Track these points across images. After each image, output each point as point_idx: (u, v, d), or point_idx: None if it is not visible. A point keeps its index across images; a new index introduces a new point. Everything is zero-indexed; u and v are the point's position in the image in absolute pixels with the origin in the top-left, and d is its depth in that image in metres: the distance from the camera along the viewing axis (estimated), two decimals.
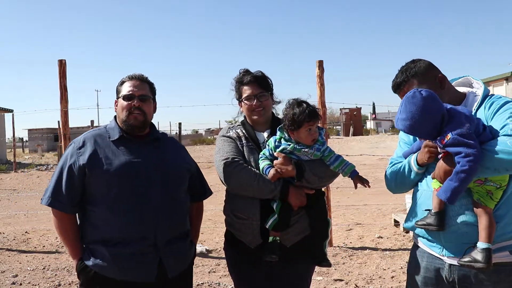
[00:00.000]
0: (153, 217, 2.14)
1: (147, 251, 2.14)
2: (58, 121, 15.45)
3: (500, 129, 1.82)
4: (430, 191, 2.00)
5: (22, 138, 41.03)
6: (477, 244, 1.82)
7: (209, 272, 4.96)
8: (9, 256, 5.77)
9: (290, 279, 2.39)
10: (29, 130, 36.29)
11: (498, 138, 1.78)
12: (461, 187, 1.78)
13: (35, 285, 4.69)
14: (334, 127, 43.79)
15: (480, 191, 1.86)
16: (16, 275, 4.96)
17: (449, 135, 1.82)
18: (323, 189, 2.48)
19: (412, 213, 2.12)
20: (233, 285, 2.61)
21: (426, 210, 2.00)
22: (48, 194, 2.17)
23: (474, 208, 1.87)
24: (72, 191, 2.15)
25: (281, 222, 2.24)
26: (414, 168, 2.05)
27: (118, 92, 2.30)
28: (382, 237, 6.21)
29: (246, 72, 2.51)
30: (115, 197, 2.12)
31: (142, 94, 2.25)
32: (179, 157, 2.39)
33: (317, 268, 2.41)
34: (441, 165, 1.90)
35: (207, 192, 2.57)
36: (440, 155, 1.92)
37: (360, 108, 38.97)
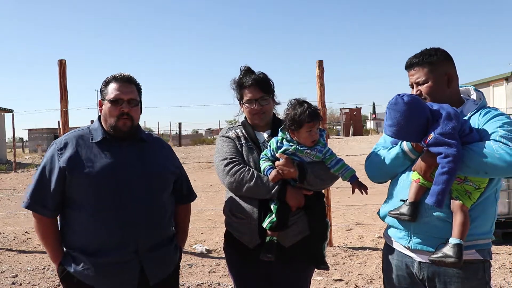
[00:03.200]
0: (135, 223, 2.09)
1: (128, 258, 2.08)
2: (58, 121, 15.44)
3: (489, 135, 1.87)
4: (408, 181, 2.05)
5: (22, 138, 40.96)
6: (449, 240, 1.87)
7: (209, 272, 4.96)
8: (9, 256, 5.77)
9: (289, 279, 2.39)
10: (29, 130, 36.19)
11: (486, 141, 1.84)
12: (446, 188, 1.84)
13: (35, 285, 4.69)
14: (334, 127, 43.73)
15: (459, 189, 1.91)
16: (16, 275, 4.96)
17: (432, 135, 1.87)
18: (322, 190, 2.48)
19: (387, 202, 2.17)
20: (233, 285, 2.61)
21: (401, 200, 2.04)
22: (28, 197, 2.10)
23: (451, 205, 1.91)
24: (52, 194, 2.08)
25: (279, 222, 2.24)
26: (408, 151, 2.04)
27: (103, 93, 2.18)
28: (382, 237, 6.20)
29: (248, 70, 2.48)
30: (95, 201, 2.06)
31: (131, 98, 2.15)
32: (165, 159, 2.31)
33: (316, 268, 2.41)
34: (423, 158, 1.96)
35: (192, 195, 2.49)
36: (424, 149, 1.96)
37: (360, 108, 38.92)
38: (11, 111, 24.57)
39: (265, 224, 2.27)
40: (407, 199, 2.01)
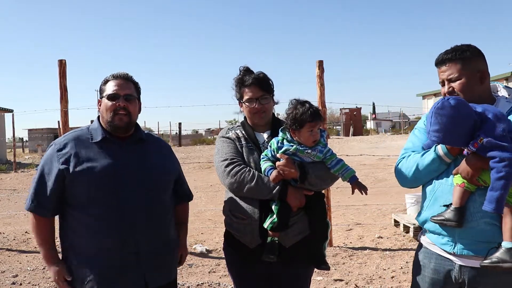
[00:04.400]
0: (135, 224, 2.08)
1: (129, 260, 2.07)
2: (58, 121, 15.43)
3: None
4: (448, 185, 1.98)
5: (22, 138, 40.95)
6: (502, 244, 1.81)
7: (209, 272, 4.96)
8: (9, 256, 5.77)
9: (289, 279, 2.39)
10: (29, 130, 36.16)
11: None
12: (504, 194, 1.77)
13: (35, 285, 4.69)
14: (334, 127, 43.71)
15: (509, 192, 1.83)
16: (16, 275, 4.96)
17: (483, 139, 1.79)
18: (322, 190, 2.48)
19: (426, 207, 2.08)
20: (233, 285, 2.61)
21: (444, 205, 1.96)
22: (30, 199, 2.12)
23: None
24: (50, 195, 2.08)
25: (280, 222, 2.24)
26: (443, 155, 1.98)
27: (101, 91, 2.21)
28: (382, 237, 6.21)
29: (247, 71, 2.48)
30: (95, 201, 2.05)
31: (127, 94, 2.17)
32: (165, 159, 2.32)
33: (316, 268, 2.41)
34: (469, 162, 1.87)
35: (191, 194, 2.51)
36: (467, 152, 1.88)
37: (360, 108, 38.86)
38: (11, 111, 24.57)
39: (266, 224, 2.26)
40: (451, 204, 1.93)
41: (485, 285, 1.93)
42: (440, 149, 1.99)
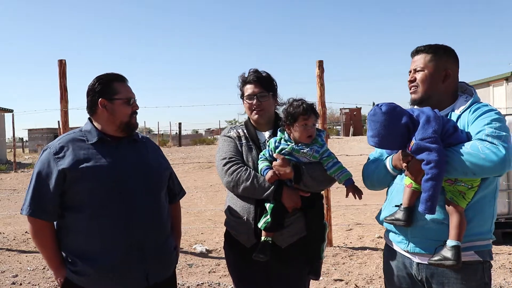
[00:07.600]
0: (139, 223, 2.08)
1: (133, 258, 2.07)
2: (58, 121, 15.44)
3: (476, 134, 1.84)
4: (401, 185, 2.05)
5: (22, 138, 40.95)
6: (447, 242, 1.85)
7: (209, 272, 4.96)
8: (9, 256, 5.77)
9: (286, 279, 2.39)
10: (29, 130, 36.16)
11: (471, 142, 1.81)
12: (433, 194, 1.80)
13: (35, 285, 4.69)
14: (334, 127, 43.70)
15: (452, 190, 1.88)
16: (16, 275, 4.96)
17: (413, 141, 1.84)
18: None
19: (384, 207, 2.18)
20: (233, 285, 2.61)
21: (396, 205, 2.04)
22: (28, 204, 2.05)
23: (446, 206, 1.89)
24: (51, 198, 2.04)
25: (273, 223, 2.24)
26: (390, 170, 2.10)
27: (105, 92, 2.17)
28: (382, 237, 6.21)
29: (254, 71, 2.51)
30: (98, 203, 2.03)
31: (135, 99, 2.23)
32: (159, 157, 2.33)
33: (309, 275, 2.40)
34: (411, 164, 1.93)
35: (182, 191, 2.50)
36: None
37: (360, 108, 38.79)
38: (11, 111, 24.56)
39: (260, 224, 2.27)
40: (401, 204, 2.00)
41: (441, 283, 1.95)
42: (388, 164, 2.10)
